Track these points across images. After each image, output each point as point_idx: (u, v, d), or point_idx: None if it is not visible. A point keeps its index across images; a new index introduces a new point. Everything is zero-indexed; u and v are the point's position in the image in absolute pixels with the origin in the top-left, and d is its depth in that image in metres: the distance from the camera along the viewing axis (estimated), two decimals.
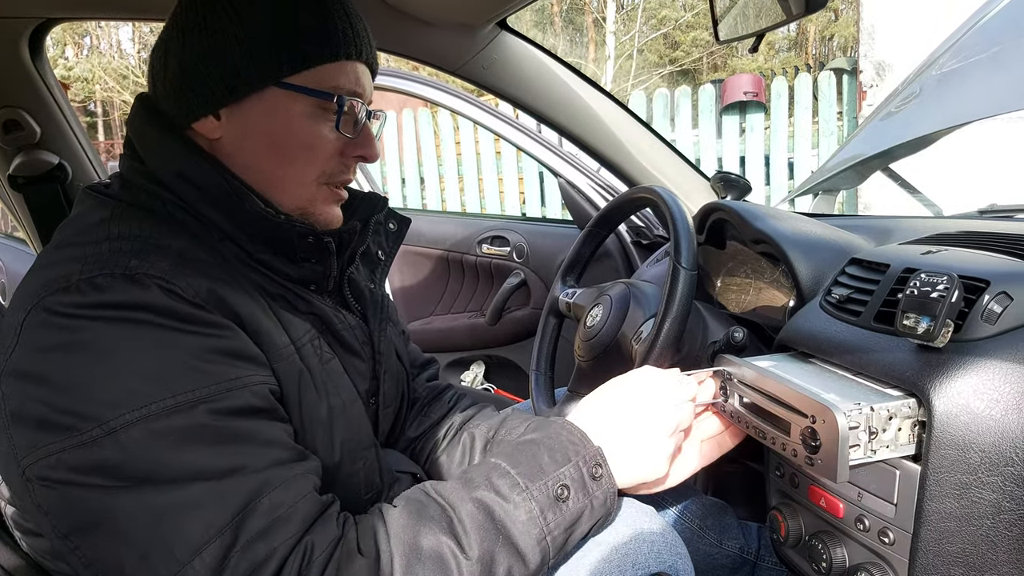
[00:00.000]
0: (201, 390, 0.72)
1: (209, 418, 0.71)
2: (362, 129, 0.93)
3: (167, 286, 0.75)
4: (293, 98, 0.87)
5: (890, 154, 1.83)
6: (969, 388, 0.78)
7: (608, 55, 16.57)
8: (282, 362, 0.85)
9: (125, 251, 0.78)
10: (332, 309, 0.97)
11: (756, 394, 0.92)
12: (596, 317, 1.30)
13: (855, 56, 6.76)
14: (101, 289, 0.73)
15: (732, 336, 1.13)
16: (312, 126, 0.89)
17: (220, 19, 0.84)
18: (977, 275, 0.84)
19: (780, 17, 1.01)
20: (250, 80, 0.85)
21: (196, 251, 0.83)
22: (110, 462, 0.68)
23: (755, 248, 1.33)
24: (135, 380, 0.70)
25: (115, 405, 0.69)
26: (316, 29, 0.86)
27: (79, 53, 18.05)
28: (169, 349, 0.73)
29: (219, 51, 0.84)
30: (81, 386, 0.70)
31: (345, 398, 0.93)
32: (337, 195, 0.96)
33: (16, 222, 2.02)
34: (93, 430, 0.68)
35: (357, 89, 0.91)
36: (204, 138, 0.89)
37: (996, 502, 0.77)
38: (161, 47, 0.89)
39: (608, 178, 2.11)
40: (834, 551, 0.92)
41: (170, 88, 0.88)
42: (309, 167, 0.91)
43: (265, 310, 0.86)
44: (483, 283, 2.51)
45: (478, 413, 1.22)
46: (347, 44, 0.89)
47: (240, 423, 0.74)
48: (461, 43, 1.63)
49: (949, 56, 1.75)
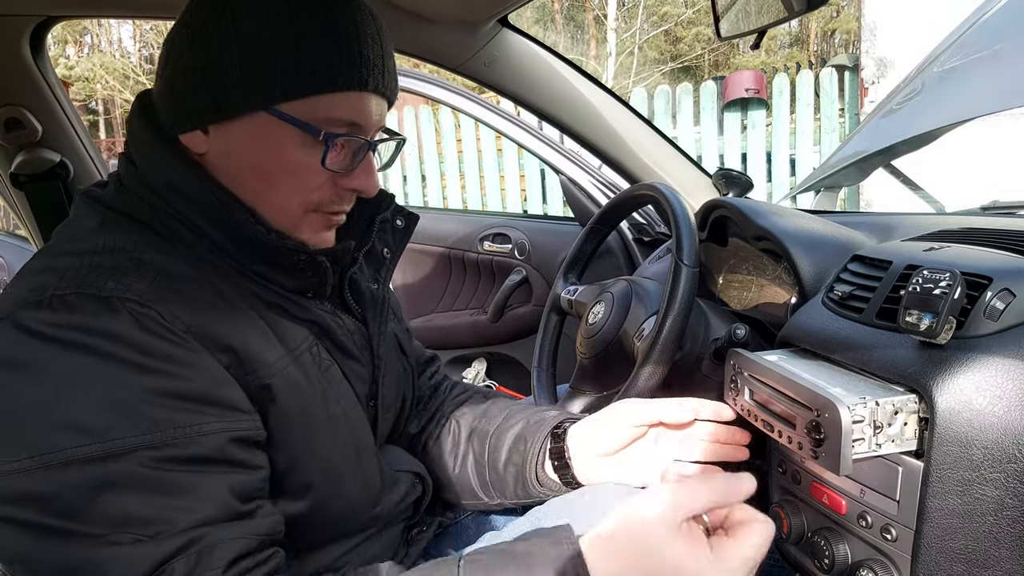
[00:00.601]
0: (145, 436, 0.70)
1: (147, 466, 0.69)
2: (360, 162, 0.88)
3: (142, 311, 0.73)
4: (282, 125, 0.82)
5: (892, 151, 1.83)
6: (972, 385, 0.78)
7: (609, 52, 16.56)
8: (276, 377, 0.83)
9: (105, 268, 0.76)
10: (331, 315, 0.95)
11: (764, 387, 0.93)
12: (598, 314, 1.30)
13: (857, 52, 6.75)
14: (71, 308, 0.72)
15: (734, 333, 1.13)
16: (300, 156, 0.84)
17: (219, 34, 0.81)
18: (979, 272, 0.84)
19: (782, 14, 1.01)
20: (238, 103, 0.81)
21: (182, 266, 0.81)
22: (38, 495, 0.67)
23: (757, 245, 1.33)
24: (81, 416, 0.69)
25: (54, 440, 0.67)
26: (317, 56, 0.81)
27: (80, 51, 18.05)
28: (122, 388, 0.71)
29: (212, 67, 0.81)
30: (26, 412, 0.69)
31: (345, 405, 0.92)
32: (328, 221, 0.92)
33: (18, 220, 2.03)
34: (25, 460, 0.67)
35: (358, 120, 0.85)
36: (193, 151, 0.86)
37: (999, 499, 0.77)
38: (166, 47, 0.86)
39: (610, 175, 2.11)
40: (836, 548, 0.92)
41: (163, 94, 0.86)
42: (293, 196, 0.87)
43: (256, 323, 0.84)
44: (485, 280, 2.51)
45: (466, 401, 1.21)
46: (350, 74, 0.83)
47: (179, 474, 0.71)
48: (462, 40, 1.63)
49: (951, 53, 1.74)
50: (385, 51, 0.87)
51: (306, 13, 0.81)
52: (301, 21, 0.80)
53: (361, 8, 0.85)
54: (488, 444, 1.10)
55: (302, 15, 0.80)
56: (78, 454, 0.67)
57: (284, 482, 0.84)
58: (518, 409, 1.13)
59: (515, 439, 1.07)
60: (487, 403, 1.19)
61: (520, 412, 1.11)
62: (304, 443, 0.85)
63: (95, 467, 0.68)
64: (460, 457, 1.13)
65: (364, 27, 0.84)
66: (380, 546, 0.99)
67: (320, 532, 0.91)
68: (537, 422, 1.07)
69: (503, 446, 1.07)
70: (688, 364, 1.23)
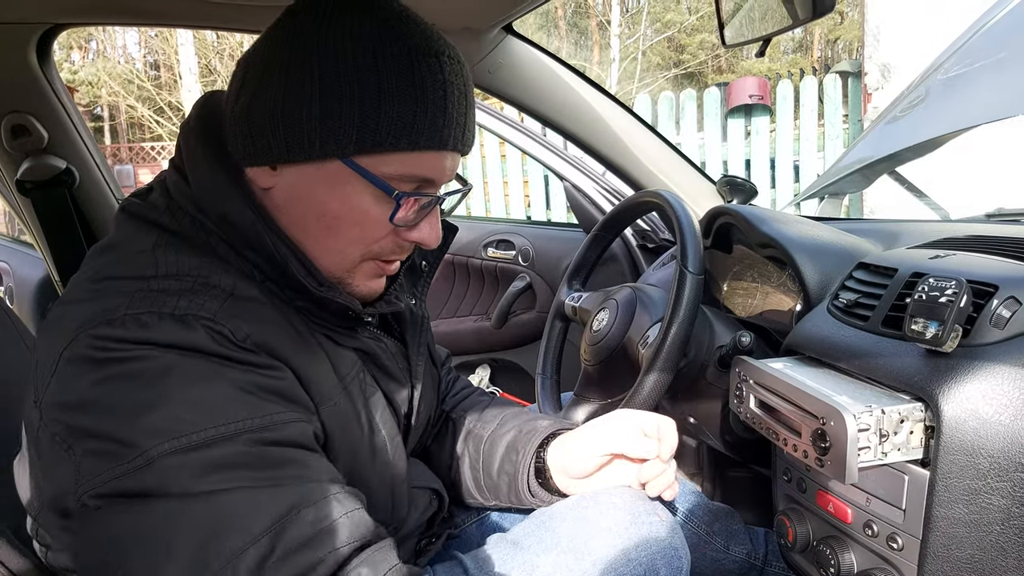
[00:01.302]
0: (245, 422, 0.70)
1: (251, 447, 0.70)
2: (426, 215, 0.86)
3: (215, 327, 0.73)
4: (354, 176, 0.80)
5: (897, 157, 1.83)
6: (978, 393, 0.78)
7: (613, 58, 16.59)
8: (328, 405, 0.83)
9: (174, 291, 0.75)
10: (375, 340, 0.95)
11: (770, 395, 0.92)
12: (602, 321, 1.30)
13: (860, 58, 6.75)
14: (147, 327, 0.71)
15: (739, 340, 1.13)
16: (368, 208, 0.82)
17: (302, 75, 0.77)
18: (985, 280, 0.84)
19: (787, 21, 1.01)
20: (312, 149, 0.78)
21: (248, 289, 0.80)
22: (151, 490, 0.67)
23: (762, 252, 1.33)
24: (179, 409, 0.69)
25: (157, 434, 0.68)
26: (399, 113, 0.77)
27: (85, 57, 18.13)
28: (214, 380, 0.71)
29: (291, 107, 0.77)
30: (124, 415, 0.69)
31: (387, 432, 0.92)
32: (382, 270, 0.90)
33: (23, 226, 2.03)
34: (136, 459, 0.67)
35: (431, 176, 0.83)
36: (257, 184, 0.83)
37: (1006, 508, 0.77)
38: (241, 69, 0.82)
39: (614, 182, 2.11)
40: (842, 556, 0.91)
41: (235, 120, 0.82)
42: (354, 245, 0.85)
43: (315, 349, 0.84)
44: (488, 287, 2.51)
45: (464, 400, 1.21)
46: (431, 135, 0.79)
47: (283, 451, 0.72)
48: (467, 47, 1.63)
49: (955, 60, 1.74)
50: (468, 104, 0.84)
51: (394, 64, 0.77)
52: (387, 73, 0.77)
53: (453, 59, 0.82)
54: (483, 449, 1.10)
55: (389, 66, 0.77)
56: (181, 444, 0.68)
57: None
58: (511, 415, 1.13)
59: (507, 448, 1.07)
60: (484, 404, 1.19)
61: (513, 419, 1.11)
62: (346, 472, 0.84)
63: (201, 454, 0.68)
64: (457, 458, 1.13)
65: (452, 82, 0.81)
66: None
67: None
68: (528, 432, 1.07)
69: (496, 453, 1.08)
70: (693, 371, 1.23)
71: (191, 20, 1.65)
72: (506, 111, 3.69)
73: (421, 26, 0.81)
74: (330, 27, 0.77)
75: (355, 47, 0.77)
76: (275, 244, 0.81)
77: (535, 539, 0.99)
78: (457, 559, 1.01)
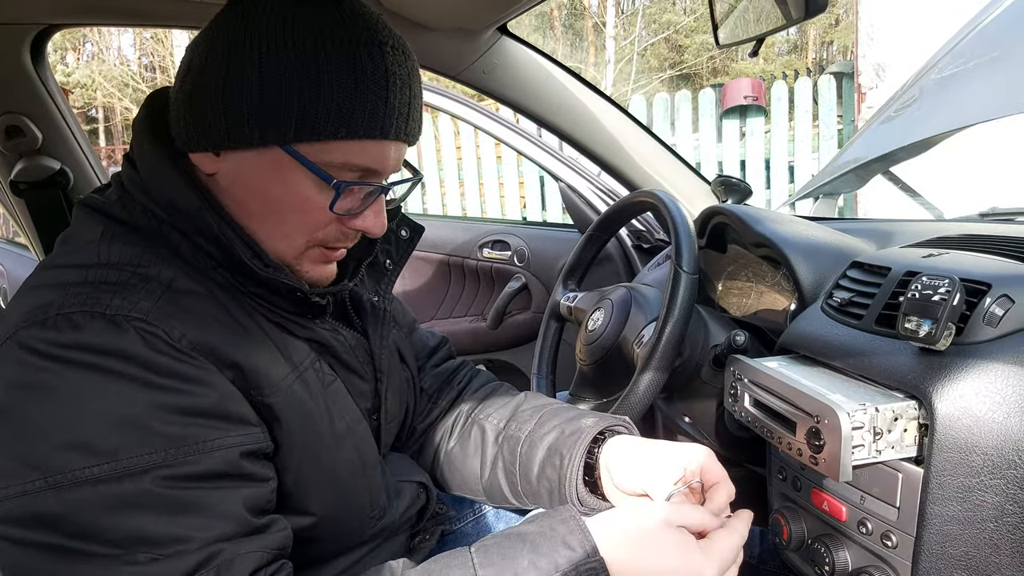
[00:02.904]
0: (157, 454, 0.69)
1: (160, 484, 0.68)
2: (371, 204, 0.86)
3: (149, 329, 0.72)
4: (295, 164, 0.79)
5: (891, 157, 1.84)
6: (971, 391, 0.78)
7: (608, 59, 16.61)
8: (281, 394, 0.82)
9: (110, 283, 0.75)
10: (332, 332, 0.93)
11: (765, 394, 0.93)
12: (597, 321, 1.30)
13: (854, 57, 6.78)
14: (78, 328, 0.70)
15: (733, 340, 1.13)
16: (310, 196, 0.82)
17: (243, 62, 0.77)
18: (978, 278, 0.84)
19: (780, 21, 1.01)
20: (253, 136, 0.78)
21: (189, 281, 0.80)
22: (50, 516, 0.66)
23: (756, 252, 1.33)
24: (90, 436, 0.68)
25: (64, 460, 0.66)
26: (339, 101, 0.77)
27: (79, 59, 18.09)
28: (131, 406, 0.70)
29: (230, 94, 0.77)
30: (35, 432, 0.68)
31: (350, 420, 0.91)
32: (329, 256, 0.89)
33: (18, 228, 2.03)
34: (36, 481, 0.66)
35: (374, 166, 0.82)
36: (201, 169, 0.83)
37: (999, 505, 0.77)
38: (187, 58, 0.82)
39: (609, 182, 2.11)
40: (836, 554, 0.92)
41: (179, 106, 0.82)
42: (298, 231, 0.85)
43: (262, 340, 0.83)
44: (484, 287, 2.51)
45: (489, 400, 1.15)
46: (372, 123, 0.79)
47: (194, 491, 0.70)
48: (461, 48, 1.63)
49: (949, 60, 1.75)
50: (413, 94, 0.83)
51: (335, 53, 0.77)
52: (326, 60, 0.77)
53: (397, 49, 0.81)
54: (520, 452, 1.05)
55: (330, 54, 0.77)
56: (89, 474, 0.66)
57: (290, 498, 0.84)
58: (550, 412, 1.06)
59: (548, 451, 1.01)
60: (515, 401, 1.13)
61: (553, 417, 1.05)
62: (309, 460, 0.84)
63: (107, 487, 0.67)
64: (489, 462, 1.09)
65: (394, 72, 0.80)
66: (385, 556, 0.98)
67: (325, 545, 0.91)
68: (573, 434, 1.00)
69: (535, 457, 1.02)
70: (688, 371, 1.23)
71: (186, 21, 1.64)
72: (501, 112, 3.69)
73: (366, 16, 0.81)
74: (272, 15, 0.77)
75: (296, 35, 0.77)
76: (220, 228, 0.81)
77: None
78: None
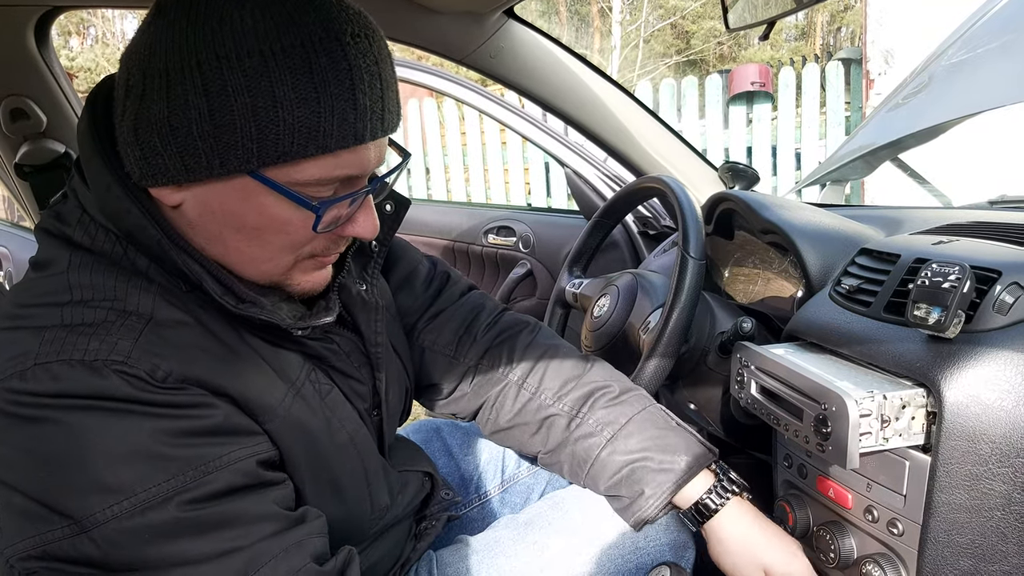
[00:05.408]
0: (174, 480, 0.67)
1: (186, 509, 0.67)
2: (358, 208, 0.78)
3: (130, 371, 0.68)
4: (266, 189, 0.71)
5: (899, 144, 1.82)
6: (980, 379, 0.77)
7: (614, 45, 16.51)
8: (278, 420, 0.78)
9: (87, 324, 0.69)
10: (323, 343, 0.88)
11: (771, 381, 0.92)
12: (603, 307, 1.30)
13: (862, 43, 6.72)
14: (58, 379, 0.66)
15: (740, 326, 1.13)
16: (288, 218, 0.74)
17: (184, 86, 0.66)
18: (988, 265, 0.84)
19: (790, 4, 1.00)
20: (212, 167, 0.69)
21: (170, 310, 0.74)
22: (89, 558, 0.65)
23: (763, 238, 1.32)
24: (103, 474, 0.65)
25: (85, 502, 0.65)
26: (301, 117, 0.68)
27: (83, 43, 18.04)
28: (136, 436, 0.67)
29: (178, 124, 0.68)
30: (49, 479, 0.65)
31: (350, 429, 0.88)
32: (321, 263, 0.83)
33: (22, 211, 2.03)
34: (65, 527, 0.65)
35: (354, 173, 0.74)
36: (163, 202, 0.74)
37: (1007, 493, 0.77)
38: (123, 73, 0.71)
39: (615, 168, 2.10)
40: (842, 542, 0.92)
41: (124, 139, 0.72)
42: (284, 252, 0.78)
43: (254, 362, 0.79)
44: (489, 273, 2.51)
45: (551, 371, 1.07)
46: (343, 134, 0.70)
47: (222, 507, 0.69)
48: (468, 31, 1.62)
49: (959, 46, 1.73)
50: (385, 85, 0.73)
51: (286, 61, 0.67)
52: (281, 73, 0.66)
53: (358, 35, 0.71)
54: (596, 457, 1.00)
55: (281, 64, 0.66)
56: (111, 513, 0.65)
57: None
58: (640, 420, 1.01)
59: (631, 474, 0.97)
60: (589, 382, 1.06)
61: (641, 429, 1.00)
62: (312, 476, 0.82)
63: (132, 522, 0.65)
64: (553, 446, 1.05)
65: (358, 63, 0.70)
66: (388, 544, 0.98)
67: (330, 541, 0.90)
68: (661, 469, 0.97)
69: (609, 467, 0.99)
70: (694, 357, 1.23)
71: None
72: (507, 97, 3.68)
73: (316, 3, 0.69)
74: (206, 25, 0.66)
75: (239, 47, 0.66)
76: (186, 263, 0.74)
77: (546, 520, 1.00)
78: (462, 541, 1.01)
